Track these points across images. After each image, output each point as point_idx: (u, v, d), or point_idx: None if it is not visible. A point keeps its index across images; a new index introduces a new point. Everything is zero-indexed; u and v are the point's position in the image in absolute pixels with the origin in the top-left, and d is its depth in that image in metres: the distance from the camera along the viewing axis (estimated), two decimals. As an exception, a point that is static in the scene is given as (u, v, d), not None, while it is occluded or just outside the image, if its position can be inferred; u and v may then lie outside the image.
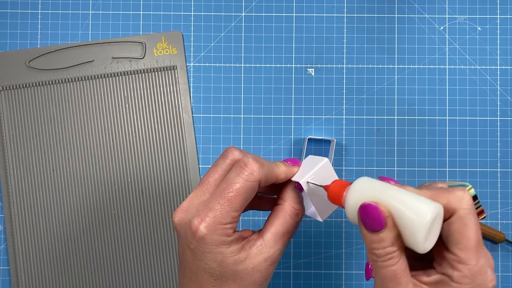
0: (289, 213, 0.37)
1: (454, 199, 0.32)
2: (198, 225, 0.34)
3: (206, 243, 0.34)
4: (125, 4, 0.56)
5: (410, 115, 0.55)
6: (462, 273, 0.31)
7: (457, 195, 0.32)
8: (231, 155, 0.36)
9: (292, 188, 0.38)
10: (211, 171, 0.36)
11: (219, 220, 0.34)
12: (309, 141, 0.55)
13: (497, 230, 0.54)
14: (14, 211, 0.54)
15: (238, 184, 0.34)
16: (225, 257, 0.34)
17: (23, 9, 0.56)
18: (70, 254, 0.54)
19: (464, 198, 0.32)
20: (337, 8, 0.56)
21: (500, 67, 0.56)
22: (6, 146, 0.54)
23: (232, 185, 0.34)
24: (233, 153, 0.36)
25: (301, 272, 0.54)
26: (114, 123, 0.55)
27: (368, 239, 0.33)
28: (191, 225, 0.34)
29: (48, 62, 0.55)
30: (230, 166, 0.36)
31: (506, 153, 0.55)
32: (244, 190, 0.34)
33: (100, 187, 0.54)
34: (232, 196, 0.34)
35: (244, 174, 0.34)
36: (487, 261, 0.32)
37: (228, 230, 0.34)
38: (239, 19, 0.56)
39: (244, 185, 0.34)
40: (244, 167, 0.35)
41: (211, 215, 0.34)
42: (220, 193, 0.34)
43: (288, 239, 0.37)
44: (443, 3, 0.56)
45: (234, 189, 0.34)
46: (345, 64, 0.56)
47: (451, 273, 0.32)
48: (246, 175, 0.34)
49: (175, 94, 0.55)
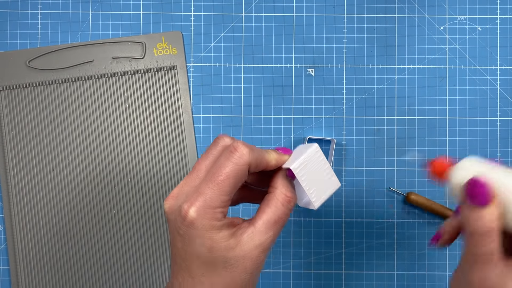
0: (280, 200, 0.36)
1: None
2: (188, 210, 0.33)
3: (196, 228, 0.33)
4: (125, 4, 0.56)
5: (410, 115, 0.55)
6: None
7: None
8: (222, 141, 0.36)
9: (283, 175, 0.37)
10: (202, 158, 0.36)
11: (208, 204, 0.33)
12: (309, 141, 0.55)
13: (497, 230, 0.54)
14: (14, 211, 0.54)
15: (228, 168, 0.34)
16: (215, 243, 0.34)
17: (23, 9, 0.56)
18: (70, 254, 0.54)
19: None
20: (337, 8, 0.56)
21: (500, 67, 0.56)
22: (6, 146, 0.54)
23: (221, 169, 0.34)
24: (224, 140, 0.36)
25: (301, 272, 0.54)
26: (114, 123, 0.55)
27: (469, 215, 0.33)
28: (181, 210, 0.33)
29: (48, 62, 0.55)
30: (220, 153, 0.36)
31: (506, 153, 0.55)
32: (234, 174, 0.34)
33: (100, 187, 0.54)
34: (221, 180, 0.34)
35: (233, 157, 0.34)
36: None
37: (217, 214, 0.34)
38: (239, 19, 0.56)
39: (233, 168, 0.34)
40: (234, 151, 0.34)
41: (200, 200, 0.33)
42: (210, 178, 0.34)
43: (280, 227, 0.36)
44: (443, 3, 0.56)
45: (224, 173, 0.34)
46: (345, 64, 0.56)
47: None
48: (235, 159, 0.34)
49: (175, 94, 0.55)
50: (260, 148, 0.37)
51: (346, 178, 0.55)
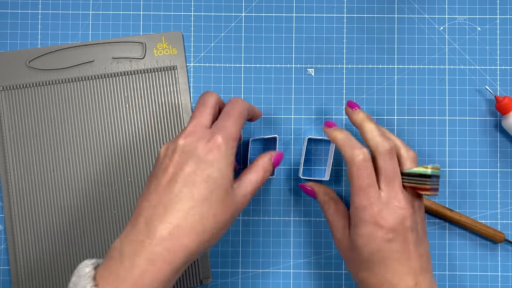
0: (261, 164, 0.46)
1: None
2: (216, 137, 0.41)
3: (220, 151, 0.41)
4: (125, 4, 0.56)
5: (410, 115, 0.55)
6: (352, 208, 0.45)
7: None
8: (212, 95, 0.45)
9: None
10: (200, 108, 0.44)
11: (229, 133, 0.42)
12: (309, 141, 0.55)
13: (497, 230, 0.54)
14: (14, 211, 0.54)
15: (237, 109, 0.44)
16: (228, 173, 0.41)
17: (23, 9, 0.56)
18: (70, 254, 0.54)
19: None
20: (337, 8, 0.56)
21: (500, 67, 0.56)
22: (6, 146, 0.54)
23: (233, 110, 0.44)
24: (212, 94, 0.46)
25: (301, 272, 0.55)
26: (114, 123, 0.55)
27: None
28: (209, 137, 0.41)
29: (48, 62, 0.55)
30: (215, 103, 0.45)
31: (506, 153, 0.55)
32: (243, 112, 0.44)
33: (100, 187, 0.54)
34: (236, 117, 0.43)
35: (238, 102, 0.45)
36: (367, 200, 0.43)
37: (234, 146, 0.42)
38: (239, 19, 0.56)
39: (241, 108, 0.44)
40: (236, 100, 0.45)
41: (224, 131, 0.42)
42: (226, 116, 0.43)
43: (259, 185, 0.45)
44: (443, 3, 0.56)
45: (236, 111, 0.44)
46: (345, 64, 0.56)
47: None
48: (240, 103, 0.45)
49: (175, 94, 0.55)
50: None
51: (346, 178, 0.55)
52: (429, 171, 0.44)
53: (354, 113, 0.48)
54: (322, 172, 0.55)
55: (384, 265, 0.43)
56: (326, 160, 0.55)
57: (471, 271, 0.54)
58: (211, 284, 0.55)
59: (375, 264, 0.43)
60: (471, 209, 0.55)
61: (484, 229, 0.53)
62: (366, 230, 0.43)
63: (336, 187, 0.55)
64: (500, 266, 0.55)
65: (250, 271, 0.55)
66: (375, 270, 0.43)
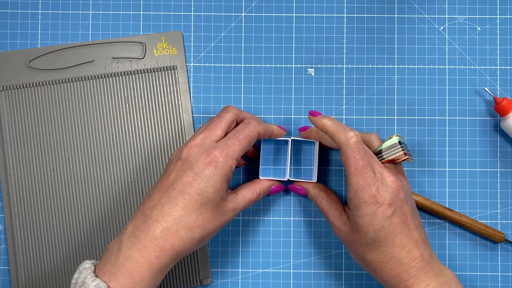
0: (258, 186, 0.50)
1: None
2: (217, 153, 0.44)
3: (217, 168, 0.44)
4: (125, 4, 0.56)
5: (410, 115, 0.55)
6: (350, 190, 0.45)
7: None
8: (231, 110, 0.49)
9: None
10: (216, 121, 0.47)
11: (231, 153, 0.45)
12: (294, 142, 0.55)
13: (497, 230, 0.54)
14: (14, 211, 0.54)
15: (245, 132, 0.47)
16: (221, 188, 0.44)
17: (23, 9, 0.56)
18: (70, 253, 0.54)
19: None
20: (337, 8, 0.56)
21: (500, 67, 0.56)
22: (6, 146, 0.54)
23: (241, 132, 0.47)
24: (233, 109, 0.49)
25: (301, 272, 0.55)
26: (114, 123, 0.55)
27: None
28: (210, 153, 0.45)
29: (48, 62, 0.55)
30: (232, 119, 0.48)
31: (506, 153, 0.55)
32: (249, 137, 0.47)
33: (100, 187, 0.54)
34: (241, 139, 0.46)
35: (249, 126, 0.47)
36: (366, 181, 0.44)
37: (233, 164, 0.45)
38: (239, 19, 0.56)
39: (249, 133, 0.47)
40: (248, 123, 0.48)
41: (226, 149, 0.45)
42: (233, 136, 0.46)
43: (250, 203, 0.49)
44: (443, 3, 0.56)
45: (244, 134, 0.46)
46: (345, 64, 0.56)
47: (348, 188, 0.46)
48: (251, 127, 0.47)
49: (175, 94, 0.55)
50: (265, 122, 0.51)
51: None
52: (397, 139, 0.48)
53: (318, 119, 0.48)
54: (309, 172, 0.55)
55: (390, 240, 0.44)
56: (312, 160, 0.55)
57: (471, 271, 0.54)
58: (211, 284, 0.55)
59: (382, 242, 0.44)
60: (471, 209, 0.55)
61: (484, 229, 0.53)
62: (368, 210, 0.44)
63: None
64: (500, 266, 0.54)
65: (250, 271, 0.55)
66: (382, 247, 0.44)
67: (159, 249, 0.43)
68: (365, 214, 0.44)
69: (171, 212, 0.43)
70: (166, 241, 0.43)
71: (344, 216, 0.48)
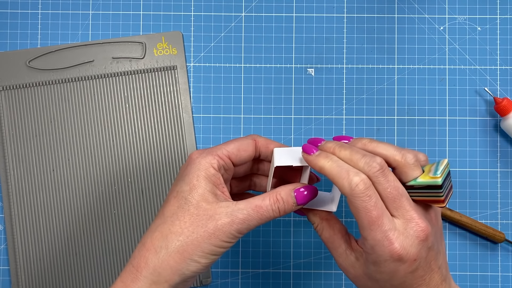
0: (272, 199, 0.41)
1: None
2: (194, 153, 0.41)
3: (193, 164, 0.40)
4: (125, 4, 0.56)
5: (410, 115, 0.55)
6: (366, 244, 0.38)
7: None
8: (249, 140, 0.43)
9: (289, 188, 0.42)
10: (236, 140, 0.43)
11: (210, 150, 0.41)
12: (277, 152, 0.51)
13: (497, 230, 0.54)
14: (14, 211, 0.54)
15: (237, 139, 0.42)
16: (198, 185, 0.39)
17: (23, 9, 0.56)
18: (70, 254, 0.54)
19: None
20: (337, 8, 0.56)
21: (500, 67, 0.56)
22: (6, 146, 0.54)
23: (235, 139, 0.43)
24: (250, 141, 0.43)
25: (301, 272, 0.55)
26: (114, 123, 0.55)
27: None
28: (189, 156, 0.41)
29: (48, 62, 0.55)
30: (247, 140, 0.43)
31: (506, 153, 0.55)
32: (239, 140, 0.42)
33: (100, 187, 0.54)
34: (232, 142, 0.42)
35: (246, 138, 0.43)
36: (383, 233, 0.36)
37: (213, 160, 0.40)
38: (239, 19, 0.56)
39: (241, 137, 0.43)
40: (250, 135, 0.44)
41: (208, 149, 0.41)
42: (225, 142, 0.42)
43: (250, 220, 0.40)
44: (443, 3, 0.56)
45: (236, 140, 0.42)
46: (345, 64, 0.56)
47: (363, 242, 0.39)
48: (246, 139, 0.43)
49: (175, 94, 0.55)
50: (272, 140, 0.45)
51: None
52: (439, 180, 0.37)
53: (314, 159, 0.40)
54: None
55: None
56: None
57: (471, 271, 0.54)
58: (211, 284, 0.55)
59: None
60: (471, 209, 0.55)
61: (484, 229, 0.53)
62: (388, 268, 0.37)
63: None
64: (500, 266, 0.54)
65: (250, 271, 0.55)
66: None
67: (135, 269, 0.38)
68: (385, 271, 0.37)
69: (150, 226, 0.40)
70: (140, 258, 0.38)
71: (351, 257, 0.40)
